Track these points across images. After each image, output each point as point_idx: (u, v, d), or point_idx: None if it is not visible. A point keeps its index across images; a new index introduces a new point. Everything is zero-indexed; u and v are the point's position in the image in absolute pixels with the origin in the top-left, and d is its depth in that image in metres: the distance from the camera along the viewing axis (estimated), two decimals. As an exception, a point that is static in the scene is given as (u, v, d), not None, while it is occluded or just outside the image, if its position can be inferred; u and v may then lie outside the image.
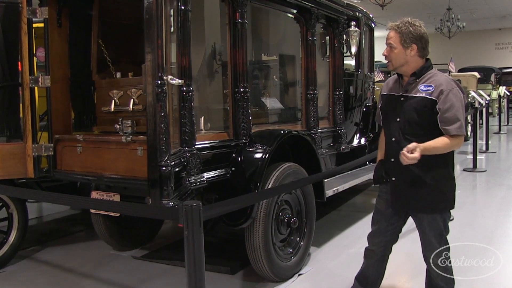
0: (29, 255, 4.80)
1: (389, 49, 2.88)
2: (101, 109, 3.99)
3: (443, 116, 2.73)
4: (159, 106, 2.58)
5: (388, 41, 2.89)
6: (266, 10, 4.53)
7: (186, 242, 2.02)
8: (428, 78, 2.85)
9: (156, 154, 2.63)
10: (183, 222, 2.03)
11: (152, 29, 2.56)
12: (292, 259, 4.09)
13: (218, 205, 2.74)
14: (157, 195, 2.63)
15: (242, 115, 3.85)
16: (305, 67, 4.91)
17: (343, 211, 6.37)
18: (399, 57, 2.87)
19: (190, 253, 2.00)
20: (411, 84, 2.88)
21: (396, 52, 2.87)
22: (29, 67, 3.91)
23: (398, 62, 2.88)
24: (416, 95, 2.83)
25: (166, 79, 2.61)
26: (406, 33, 2.82)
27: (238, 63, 3.82)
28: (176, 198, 2.80)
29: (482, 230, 5.21)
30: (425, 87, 2.82)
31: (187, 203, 2.05)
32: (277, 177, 3.85)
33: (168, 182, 2.64)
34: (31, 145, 3.95)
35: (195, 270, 1.99)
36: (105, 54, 4.10)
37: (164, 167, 2.64)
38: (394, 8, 19.04)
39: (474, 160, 8.72)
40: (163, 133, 2.62)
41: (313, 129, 4.94)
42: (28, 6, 3.85)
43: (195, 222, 1.99)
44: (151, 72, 2.54)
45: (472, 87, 14.18)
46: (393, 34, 2.86)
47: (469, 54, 25.37)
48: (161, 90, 2.58)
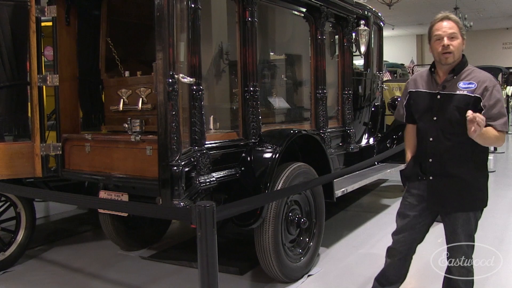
0: (36, 255, 4.78)
1: (451, 40, 2.69)
2: (110, 108, 3.96)
3: (489, 112, 2.64)
4: (170, 105, 2.55)
5: (451, 30, 2.69)
6: (275, 8, 4.49)
7: (199, 243, 1.99)
8: (467, 75, 2.74)
9: (167, 154, 2.59)
10: (196, 223, 2.00)
11: (163, 27, 2.52)
12: (302, 260, 4.06)
13: (232, 206, 2.70)
14: (168, 195, 2.59)
15: (251, 115, 3.82)
16: (314, 66, 4.87)
17: (351, 211, 6.33)
18: (460, 49, 2.72)
19: (203, 254, 1.96)
20: (449, 81, 2.76)
21: (458, 42, 2.71)
22: (38, 66, 3.89)
23: (458, 54, 2.73)
24: (456, 92, 2.71)
25: (178, 78, 2.58)
26: (460, 24, 2.72)
27: (247, 62, 3.78)
28: (187, 199, 2.77)
29: (490, 231, 5.14)
30: (466, 84, 2.70)
31: (200, 204, 2.01)
32: (287, 177, 3.81)
33: (179, 182, 2.61)
34: (39, 144, 3.94)
35: (208, 271, 1.95)
36: (114, 52, 4.08)
37: (175, 167, 2.60)
38: (401, 7, 18.95)
39: (482, 160, 8.64)
40: (174, 132, 2.59)
41: (322, 129, 4.90)
42: (37, 5, 3.84)
43: (208, 223, 1.96)
44: (162, 70, 2.50)
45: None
46: (452, 24, 2.70)
47: (476, 54, 25.17)
48: (172, 89, 2.55)
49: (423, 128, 2.85)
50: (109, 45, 4.10)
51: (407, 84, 3.02)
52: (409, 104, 2.96)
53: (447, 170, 2.78)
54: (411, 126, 3.05)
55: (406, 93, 3.00)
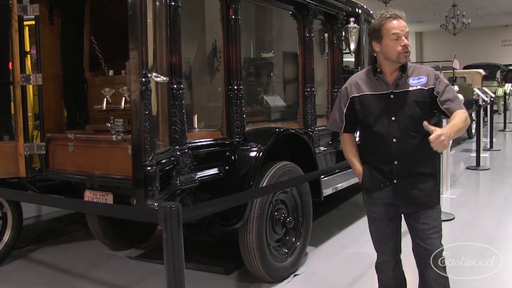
0: (24, 255, 4.76)
1: (408, 39, 2.65)
2: (94, 107, 3.93)
3: (444, 96, 2.63)
4: (143, 105, 2.52)
5: (407, 29, 2.64)
6: (261, 6, 4.45)
7: (164, 244, 1.96)
8: (413, 71, 2.71)
9: (140, 154, 2.56)
10: (161, 224, 1.97)
11: (136, 25, 2.49)
12: (288, 260, 4.03)
13: (200, 207, 2.67)
14: (142, 195, 2.56)
15: (235, 113, 3.78)
16: (302, 64, 4.83)
17: (344, 209, 6.30)
18: None
19: (169, 255, 1.93)
20: (400, 79, 2.69)
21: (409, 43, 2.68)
22: (20, 65, 3.86)
23: None
24: (409, 89, 2.66)
25: (151, 77, 2.55)
26: None
27: (231, 60, 3.75)
28: (163, 199, 2.74)
29: (484, 229, 5.12)
30: (416, 80, 2.67)
31: (165, 205, 1.98)
32: (272, 176, 3.78)
33: (153, 182, 2.58)
34: (22, 144, 3.91)
35: (174, 274, 1.92)
36: (98, 51, 4.05)
37: (149, 167, 2.57)
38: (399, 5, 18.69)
39: (477, 158, 8.62)
40: (148, 132, 2.56)
41: (310, 127, 4.87)
42: (19, 3, 3.81)
43: (174, 224, 1.93)
44: (135, 69, 2.47)
45: (477, 84, 14.02)
46: (404, 23, 2.66)
47: (474, 51, 25.18)
48: (145, 88, 2.52)
49: (382, 131, 2.70)
50: (93, 44, 4.07)
51: (344, 91, 2.84)
52: (354, 111, 2.79)
53: (414, 170, 2.71)
54: (348, 135, 2.90)
55: (345, 100, 2.81)
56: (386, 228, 2.88)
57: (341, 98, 2.84)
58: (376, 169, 2.79)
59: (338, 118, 2.86)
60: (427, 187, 2.75)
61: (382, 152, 2.74)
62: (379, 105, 2.70)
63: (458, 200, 6.45)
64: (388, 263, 2.98)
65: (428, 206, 2.76)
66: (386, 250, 2.95)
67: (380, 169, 2.77)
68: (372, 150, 2.80)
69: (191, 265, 4.31)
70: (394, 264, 2.99)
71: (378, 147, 2.75)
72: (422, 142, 2.68)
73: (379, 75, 2.72)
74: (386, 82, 2.71)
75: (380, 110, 2.70)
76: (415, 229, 2.82)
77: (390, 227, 2.89)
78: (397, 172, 2.72)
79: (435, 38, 26.98)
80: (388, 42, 2.64)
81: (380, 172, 2.77)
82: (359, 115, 2.78)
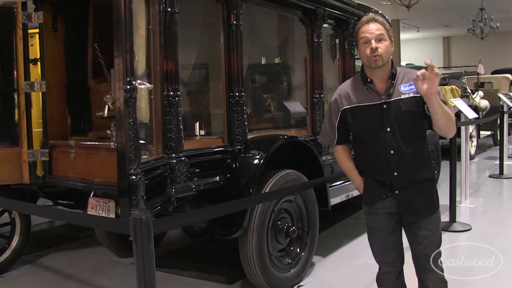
0: (32, 260, 4.79)
1: (378, 42, 2.50)
2: (96, 114, 3.93)
3: None
4: (127, 112, 2.48)
5: (378, 31, 2.50)
6: (266, 10, 4.38)
7: (135, 256, 1.91)
8: (403, 77, 2.59)
9: (125, 162, 2.52)
10: (132, 236, 1.92)
11: (120, 32, 2.45)
12: (291, 270, 3.93)
13: (174, 218, 2.60)
14: (126, 204, 2.52)
15: (236, 120, 3.71)
16: (311, 70, 4.73)
17: (356, 218, 6.16)
18: (389, 52, 2.53)
19: (140, 268, 1.88)
20: (391, 87, 2.56)
21: (386, 44, 2.52)
22: (25, 72, 3.89)
23: (387, 58, 2.53)
24: (402, 97, 2.53)
25: (135, 84, 2.51)
26: (387, 25, 2.54)
27: (232, 66, 3.69)
28: (152, 208, 2.70)
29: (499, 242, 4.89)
30: (408, 87, 2.54)
31: (136, 216, 1.93)
32: (274, 185, 3.70)
33: (137, 191, 2.54)
34: (26, 151, 3.94)
35: (145, 284, 1.87)
36: (100, 58, 4.05)
37: (134, 176, 2.53)
38: (425, 9, 18.54)
39: (500, 165, 8.35)
40: (132, 140, 2.52)
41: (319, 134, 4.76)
42: (23, 11, 3.84)
43: (144, 236, 1.87)
44: (119, 77, 2.44)
45: (505, 90, 13.62)
46: (379, 26, 2.52)
47: (503, 56, 24.53)
48: (130, 96, 2.48)
49: (378, 143, 2.59)
50: (96, 51, 4.08)
51: (334, 103, 2.70)
52: (346, 123, 2.68)
53: (414, 178, 2.61)
54: (341, 147, 2.79)
55: (336, 112, 2.69)
56: (389, 238, 2.79)
57: (332, 110, 2.72)
58: (376, 180, 2.69)
59: (330, 131, 2.76)
60: (429, 193, 2.68)
61: (381, 165, 2.63)
62: (373, 117, 2.58)
63: (476, 209, 6.24)
64: (390, 274, 2.88)
65: (431, 212, 2.69)
66: (389, 261, 2.85)
67: (379, 181, 2.67)
68: (369, 162, 2.70)
69: (194, 273, 4.28)
70: (396, 275, 2.88)
71: (375, 159, 2.65)
72: (419, 149, 2.62)
73: (369, 84, 2.61)
74: (377, 91, 2.59)
75: (374, 122, 2.58)
76: (415, 236, 2.73)
77: (393, 237, 2.79)
78: (398, 183, 2.63)
79: (463, 43, 26.37)
80: (360, 47, 2.56)
81: (380, 183, 2.67)
82: (352, 127, 2.69)
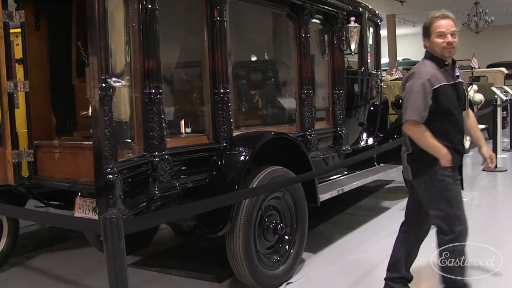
0: (21, 262, 4.75)
1: (454, 36, 3.05)
2: (80, 114, 3.89)
3: None
4: (103, 111, 2.44)
5: (453, 28, 3.05)
6: (251, 6, 4.33)
7: (106, 256, 1.87)
8: None
9: (101, 161, 2.48)
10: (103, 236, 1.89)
11: (94, 30, 2.41)
12: (280, 267, 3.90)
13: (145, 218, 2.56)
14: (104, 204, 2.49)
15: (222, 117, 3.68)
16: (299, 66, 4.69)
17: (348, 214, 6.14)
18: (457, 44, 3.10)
19: (111, 268, 1.85)
20: (454, 72, 3.17)
21: (457, 39, 3.08)
22: (7, 72, 3.83)
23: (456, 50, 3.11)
24: (460, 80, 3.17)
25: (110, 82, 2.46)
26: (456, 22, 3.10)
27: (217, 63, 3.65)
28: (130, 207, 2.66)
29: (492, 235, 4.88)
30: (458, 73, 3.17)
31: (106, 215, 1.90)
32: (260, 182, 3.66)
33: (114, 190, 2.50)
34: (10, 151, 3.87)
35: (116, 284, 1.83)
36: (84, 57, 4.00)
37: (110, 175, 2.49)
38: (421, 4, 18.48)
39: (494, 159, 8.31)
40: (108, 139, 2.48)
41: (308, 130, 4.73)
42: (4, 10, 3.76)
43: (114, 236, 1.84)
44: (94, 75, 2.40)
45: (499, 83, 13.60)
46: (452, 22, 3.07)
47: (498, 50, 24.49)
48: (105, 94, 2.44)
49: (458, 116, 3.13)
50: (80, 50, 4.04)
51: (427, 83, 3.03)
52: (438, 101, 3.04)
53: None
54: (425, 126, 3.07)
55: (428, 91, 3.03)
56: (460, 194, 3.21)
57: (425, 90, 3.03)
58: (454, 150, 3.12)
59: (424, 110, 3.04)
60: None
61: (459, 135, 3.18)
62: (453, 94, 3.11)
63: (470, 203, 6.20)
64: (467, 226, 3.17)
65: None
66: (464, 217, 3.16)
67: (457, 149, 3.15)
68: (451, 134, 3.12)
69: (183, 272, 4.24)
70: None
71: (456, 131, 3.14)
72: None
73: (446, 67, 3.12)
74: (450, 73, 3.13)
75: (454, 99, 3.12)
76: None
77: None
78: (464, 150, 3.26)
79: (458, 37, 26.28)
80: (433, 38, 3.07)
81: (458, 152, 3.16)
82: (443, 103, 3.06)
